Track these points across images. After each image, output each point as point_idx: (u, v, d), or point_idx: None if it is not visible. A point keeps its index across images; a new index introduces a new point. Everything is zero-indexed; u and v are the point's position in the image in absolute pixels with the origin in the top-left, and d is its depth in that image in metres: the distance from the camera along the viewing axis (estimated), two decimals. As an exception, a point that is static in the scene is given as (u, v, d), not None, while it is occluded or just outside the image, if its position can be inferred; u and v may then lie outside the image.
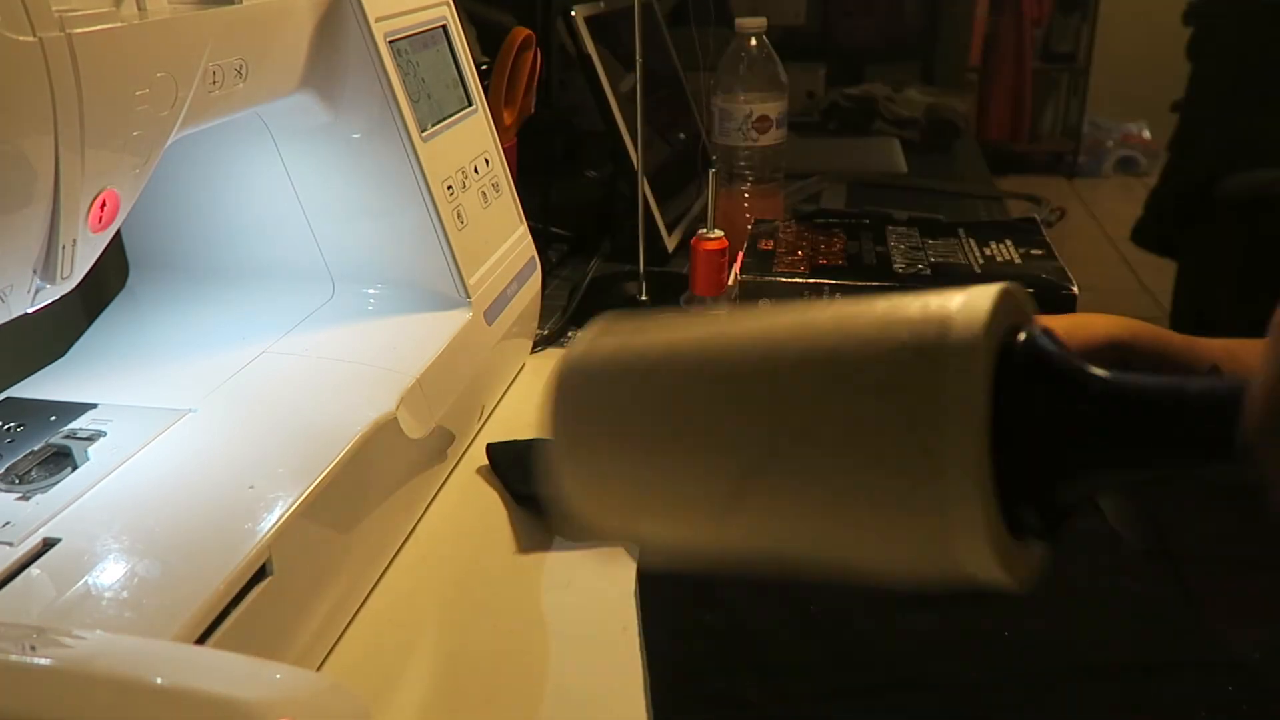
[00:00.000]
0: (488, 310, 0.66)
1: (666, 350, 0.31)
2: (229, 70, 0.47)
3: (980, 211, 1.24)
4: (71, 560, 0.40)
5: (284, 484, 0.45)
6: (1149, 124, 4.25)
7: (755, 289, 0.83)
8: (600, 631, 0.49)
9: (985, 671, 0.44)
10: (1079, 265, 0.84)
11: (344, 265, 0.64)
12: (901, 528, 0.26)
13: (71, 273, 0.40)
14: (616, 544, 0.51)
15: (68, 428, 0.49)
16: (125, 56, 0.40)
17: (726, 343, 0.30)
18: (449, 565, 0.55)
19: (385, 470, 0.52)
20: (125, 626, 0.37)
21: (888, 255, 0.87)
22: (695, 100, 1.21)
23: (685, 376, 0.30)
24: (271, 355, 0.57)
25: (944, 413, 0.25)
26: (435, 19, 0.66)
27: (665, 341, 0.31)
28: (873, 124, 1.66)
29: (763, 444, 0.28)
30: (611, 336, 0.33)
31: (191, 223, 0.64)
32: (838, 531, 0.28)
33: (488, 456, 0.63)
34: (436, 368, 0.58)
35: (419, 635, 0.49)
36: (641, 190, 0.86)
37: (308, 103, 0.57)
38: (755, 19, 0.99)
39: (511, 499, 0.60)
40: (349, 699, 0.31)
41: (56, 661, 0.31)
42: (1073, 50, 4.25)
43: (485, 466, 0.64)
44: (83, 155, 0.38)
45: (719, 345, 0.30)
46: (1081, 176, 4.32)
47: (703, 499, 0.29)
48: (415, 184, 0.60)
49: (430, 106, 0.63)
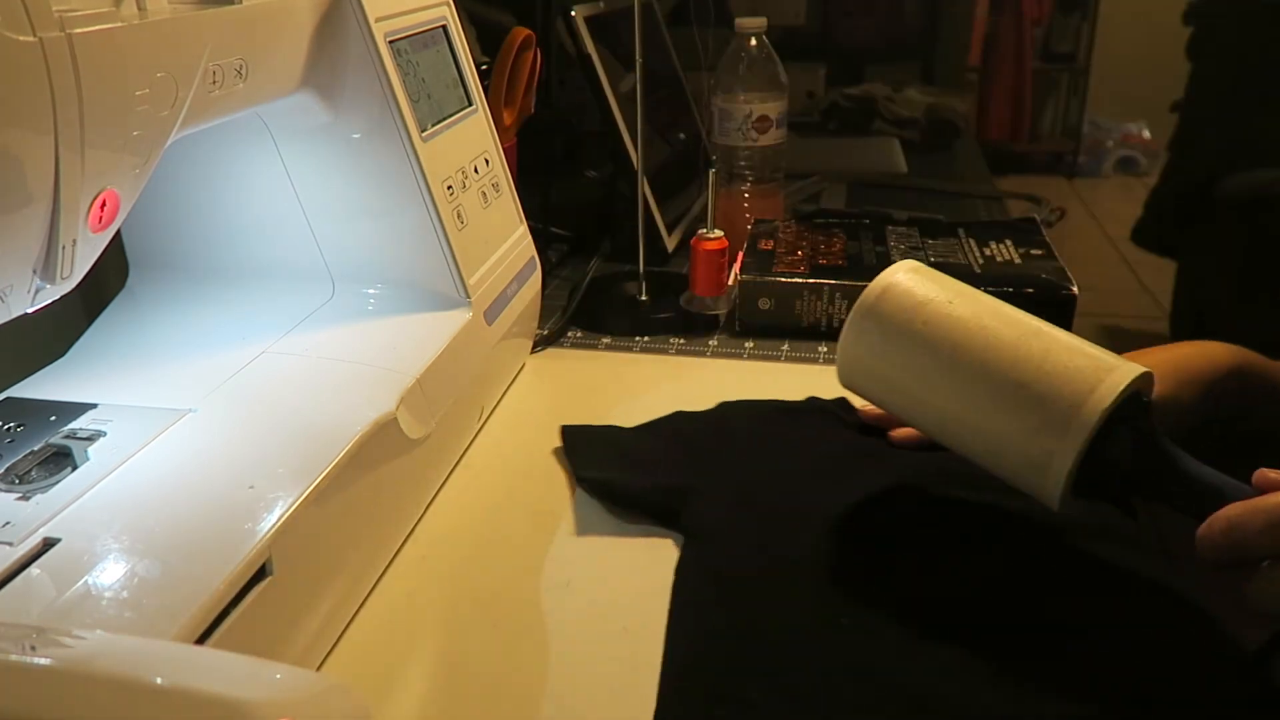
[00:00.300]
0: (488, 310, 0.66)
1: (937, 331, 0.52)
2: (229, 70, 0.47)
3: (980, 211, 1.24)
4: (71, 560, 0.40)
5: (284, 484, 0.45)
6: (1149, 124, 4.25)
7: (755, 289, 0.83)
8: (600, 631, 0.49)
9: (1009, 704, 0.43)
10: (1079, 265, 0.84)
11: (344, 265, 0.64)
12: (1020, 462, 0.49)
13: (71, 273, 0.40)
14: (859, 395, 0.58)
15: (68, 428, 0.49)
16: (125, 56, 0.40)
17: (967, 344, 0.51)
18: (449, 565, 0.55)
19: (385, 470, 0.52)
20: (125, 626, 0.37)
21: (888, 255, 0.87)
22: (695, 100, 1.22)
23: (937, 359, 0.51)
24: (271, 355, 0.57)
25: (1062, 442, 0.47)
26: (435, 19, 0.66)
27: (939, 320, 0.52)
28: (873, 124, 1.66)
29: (959, 410, 0.51)
30: (910, 292, 0.54)
31: (191, 223, 0.64)
32: (984, 446, 0.51)
33: (561, 438, 0.65)
34: (436, 368, 0.58)
35: (419, 635, 0.49)
36: (641, 190, 0.86)
37: (308, 103, 0.57)
38: (755, 19, 0.99)
39: (577, 484, 0.62)
40: (349, 699, 0.31)
41: (56, 661, 0.31)
42: (1073, 50, 4.26)
43: (485, 466, 0.64)
44: (83, 155, 0.38)
45: (963, 346, 0.51)
46: (1081, 176, 4.32)
47: (919, 410, 0.53)
48: (415, 184, 0.60)
49: (430, 106, 0.63)
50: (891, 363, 0.53)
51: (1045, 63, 4.27)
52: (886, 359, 0.53)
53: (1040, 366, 0.48)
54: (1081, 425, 0.46)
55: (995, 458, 0.50)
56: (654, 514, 0.57)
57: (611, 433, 0.65)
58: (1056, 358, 0.48)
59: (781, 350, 0.81)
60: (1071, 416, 0.46)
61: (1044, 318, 0.52)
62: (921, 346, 0.52)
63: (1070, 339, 0.50)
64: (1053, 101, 4.44)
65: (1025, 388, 0.48)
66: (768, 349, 0.81)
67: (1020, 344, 0.49)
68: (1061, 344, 0.49)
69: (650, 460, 0.62)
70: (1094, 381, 0.47)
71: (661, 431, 0.65)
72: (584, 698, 0.45)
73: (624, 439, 0.65)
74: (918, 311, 0.52)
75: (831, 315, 0.82)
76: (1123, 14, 4.08)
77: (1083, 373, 0.47)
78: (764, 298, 0.83)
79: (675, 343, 0.82)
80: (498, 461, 0.65)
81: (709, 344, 0.82)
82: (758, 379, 0.76)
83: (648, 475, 0.60)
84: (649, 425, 0.66)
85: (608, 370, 0.78)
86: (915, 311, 0.52)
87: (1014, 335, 0.50)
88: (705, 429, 0.65)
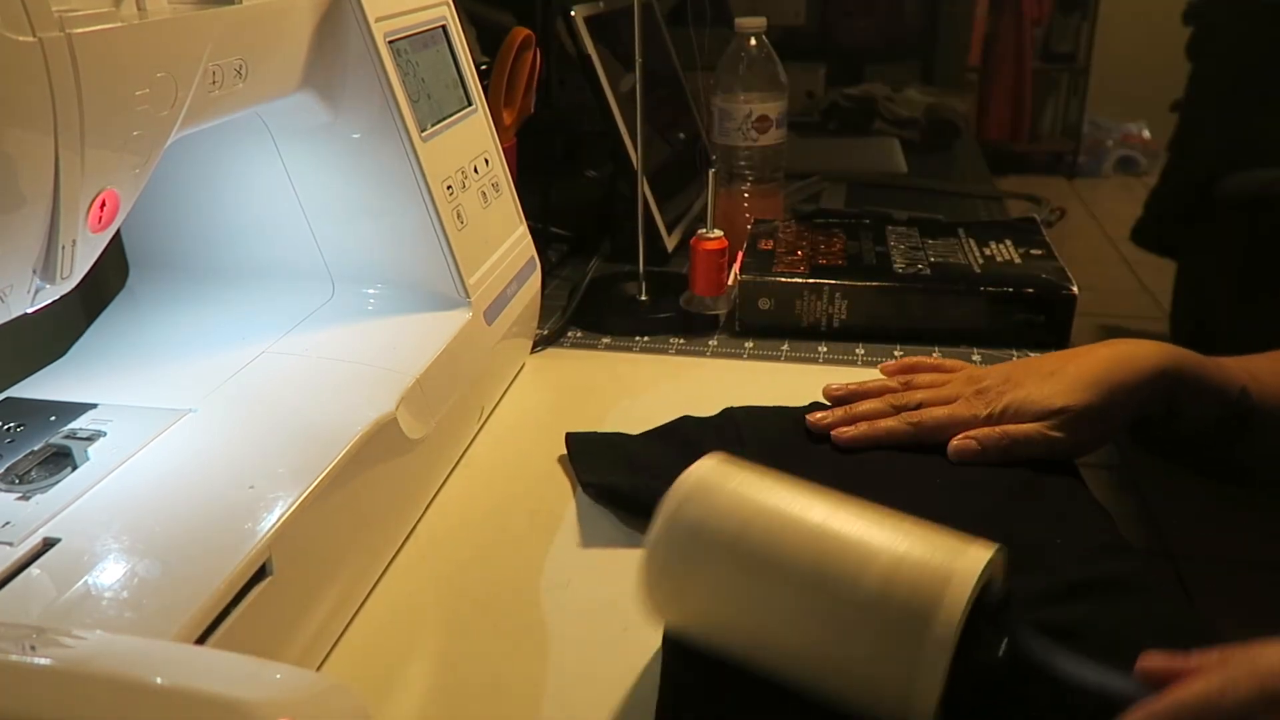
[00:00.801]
0: (488, 310, 0.66)
1: (742, 535, 0.42)
2: (229, 70, 0.47)
3: (980, 211, 1.24)
4: (71, 560, 0.40)
5: (284, 484, 0.45)
6: (1149, 124, 4.25)
7: (755, 289, 0.83)
8: (600, 631, 0.49)
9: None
10: (1079, 265, 0.84)
11: (344, 265, 0.64)
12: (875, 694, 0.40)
13: (71, 273, 0.40)
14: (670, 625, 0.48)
15: (68, 428, 0.49)
16: (125, 56, 0.40)
17: (781, 552, 0.42)
18: (449, 565, 0.55)
19: (385, 470, 0.52)
20: (125, 626, 0.37)
21: (888, 255, 0.87)
22: (695, 100, 1.21)
23: (749, 573, 0.42)
24: (271, 355, 0.57)
25: (917, 672, 0.38)
26: (435, 19, 0.66)
27: (743, 525, 0.43)
28: (872, 124, 1.66)
29: (787, 636, 0.41)
30: (705, 502, 0.44)
31: (191, 223, 0.64)
32: (829, 679, 0.41)
33: (566, 444, 0.64)
34: (436, 368, 0.58)
35: (419, 635, 0.49)
36: (641, 190, 0.86)
37: (308, 103, 0.57)
38: (755, 19, 0.99)
39: (583, 490, 0.61)
40: (349, 699, 0.31)
41: (56, 661, 0.31)
42: (1073, 50, 4.26)
43: (485, 466, 0.64)
44: (83, 155, 0.38)
45: (777, 556, 0.42)
46: (1081, 176, 4.32)
47: (742, 645, 0.43)
48: (415, 184, 0.60)
49: (430, 106, 0.63)
50: (704, 590, 0.43)
51: (1045, 63, 4.27)
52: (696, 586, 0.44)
53: (871, 587, 0.40)
54: (938, 643, 0.38)
55: (844, 689, 0.41)
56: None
57: (617, 439, 0.65)
58: (888, 571, 0.40)
59: (781, 350, 0.81)
60: (923, 633, 0.38)
61: (1044, 317, 0.51)
62: (734, 567, 0.42)
63: (888, 537, 0.41)
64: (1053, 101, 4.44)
65: (862, 612, 0.40)
66: (768, 349, 0.81)
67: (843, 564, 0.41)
68: (884, 549, 0.41)
69: (657, 466, 0.62)
70: (940, 587, 0.39)
71: (668, 437, 0.65)
72: (584, 698, 0.45)
73: (630, 445, 0.64)
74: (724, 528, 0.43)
75: (831, 315, 0.82)
76: (1123, 14, 4.08)
77: (926, 579, 0.39)
78: (764, 298, 0.83)
79: (675, 343, 0.82)
80: (498, 461, 0.65)
81: (709, 344, 0.82)
82: (758, 379, 0.76)
83: (655, 481, 0.60)
84: (655, 431, 0.66)
85: (608, 370, 0.78)
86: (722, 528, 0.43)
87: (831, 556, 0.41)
88: (713, 434, 0.65)
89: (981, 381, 0.63)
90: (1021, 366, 0.63)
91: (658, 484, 0.59)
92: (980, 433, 0.60)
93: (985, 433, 0.59)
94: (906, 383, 0.67)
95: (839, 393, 0.67)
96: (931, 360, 0.72)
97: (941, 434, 0.61)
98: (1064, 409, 0.59)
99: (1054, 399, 0.59)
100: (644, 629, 0.49)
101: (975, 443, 0.59)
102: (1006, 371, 0.63)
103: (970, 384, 0.63)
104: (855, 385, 0.68)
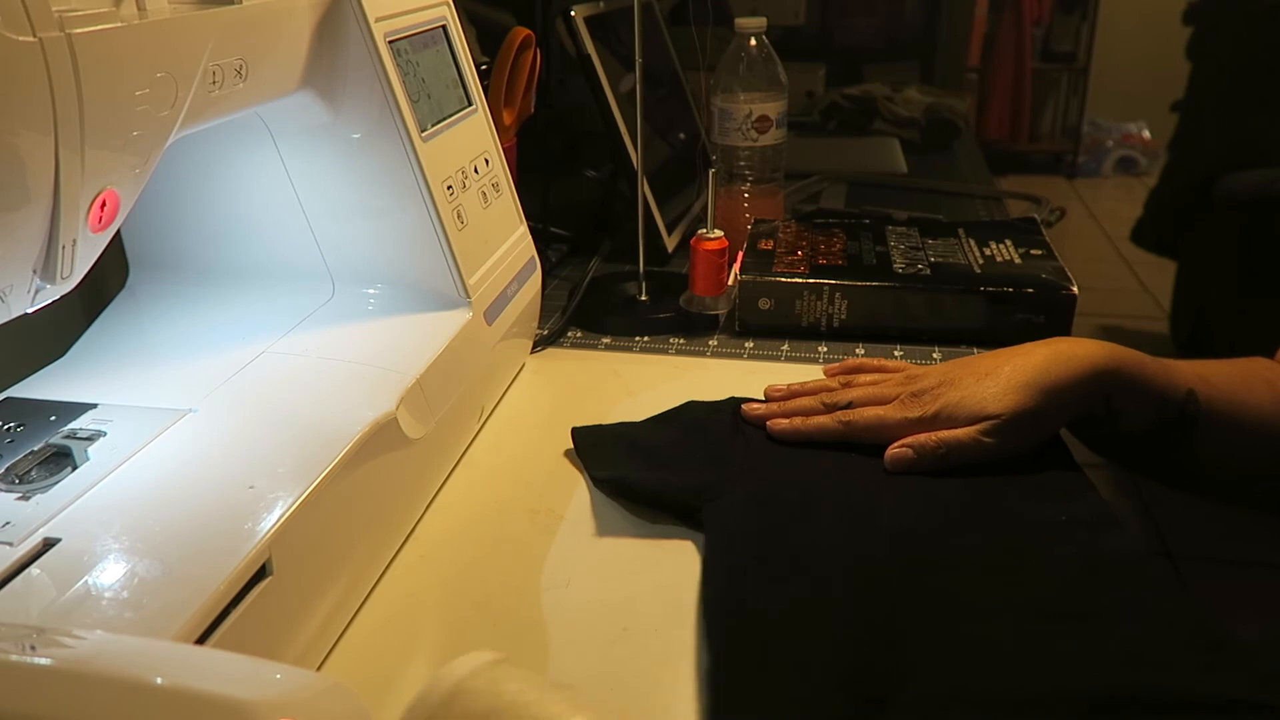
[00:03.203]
0: (488, 310, 0.66)
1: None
2: (229, 70, 0.47)
3: (980, 211, 1.24)
4: (71, 560, 0.40)
5: (284, 484, 0.45)
6: (1149, 124, 4.26)
7: (755, 289, 0.83)
8: (600, 631, 0.49)
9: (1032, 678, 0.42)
10: (1079, 265, 0.84)
11: (344, 265, 0.64)
12: None
13: (71, 273, 0.40)
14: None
15: (68, 428, 0.49)
16: (125, 56, 0.40)
17: None
18: (449, 565, 0.55)
19: (385, 470, 0.52)
20: (125, 626, 0.37)
21: (888, 255, 0.87)
22: (695, 100, 1.21)
23: None
24: (271, 355, 0.57)
25: None
26: (435, 19, 0.66)
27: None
28: (872, 124, 1.66)
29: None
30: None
31: (191, 223, 0.64)
32: None
33: (572, 440, 0.64)
34: (436, 368, 0.58)
35: (419, 635, 0.49)
36: (641, 190, 0.86)
37: (308, 103, 0.57)
38: (755, 19, 0.99)
39: (593, 485, 0.61)
40: (349, 699, 0.31)
41: (56, 661, 0.31)
42: (1073, 50, 4.26)
43: (485, 466, 0.64)
44: (83, 155, 0.38)
45: None
46: (1081, 176, 4.33)
47: None
48: (415, 184, 0.60)
49: (430, 106, 0.63)
50: None
51: (1045, 63, 4.27)
52: None
53: None
54: None
55: None
56: (673, 510, 0.57)
57: (622, 429, 0.65)
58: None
59: (781, 350, 0.81)
60: None
61: (1044, 317, 0.51)
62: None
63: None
64: (1052, 101, 4.44)
65: None
66: (767, 349, 0.81)
67: None
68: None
69: (665, 453, 0.62)
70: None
71: (675, 421, 0.65)
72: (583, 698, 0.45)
73: (636, 433, 0.64)
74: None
75: (831, 315, 0.82)
76: (1123, 14, 4.08)
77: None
78: (764, 298, 0.83)
79: (675, 343, 0.82)
80: (498, 461, 0.65)
81: (709, 344, 0.82)
82: (758, 379, 0.76)
83: (664, 469, 0.60)
84: (662, 416, 0.66)
85: (608, 370, 0.78)
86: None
87: None
88: (721, 419, 0.65)
89: (918, 382, 0.63)
90: (960, 366, 0.63)
91: (666, 473, 0.60)
92: (916, 441, 0.60)
93: (921, 441, 0.59)
94: (847, 383, 0.67)
95: (779, 394, 0.68)
96: (875, 361, 0.73)
97: (871, 435, 0.61)
98: (998, 415, 0.58)
99: (987, 404, 0.59)
100: (644, 629, 0.49)
101: (911, 451, 0.59)
102: (944, 371, 0.63)
103: (907, 384, 0.63)
104: (797, 385, 0.69)
